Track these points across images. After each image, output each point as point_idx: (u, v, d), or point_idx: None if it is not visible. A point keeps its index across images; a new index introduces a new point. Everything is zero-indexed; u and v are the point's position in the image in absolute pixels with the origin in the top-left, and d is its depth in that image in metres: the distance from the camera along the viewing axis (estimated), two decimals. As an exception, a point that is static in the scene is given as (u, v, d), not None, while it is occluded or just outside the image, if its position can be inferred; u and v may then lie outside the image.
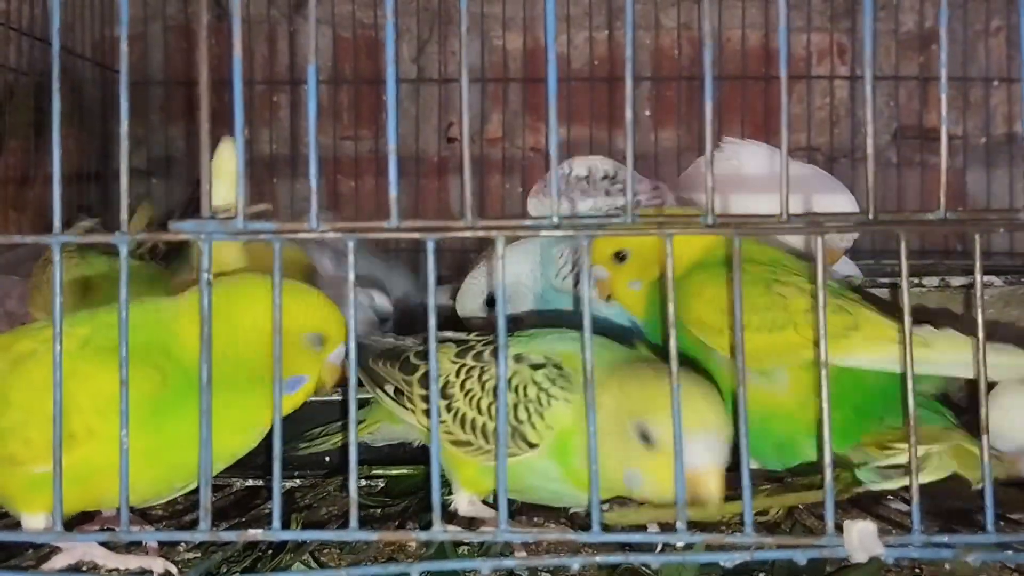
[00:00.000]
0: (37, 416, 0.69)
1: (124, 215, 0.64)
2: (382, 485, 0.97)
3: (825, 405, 0.64)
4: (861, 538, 0.61)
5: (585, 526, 0.82)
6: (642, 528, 0.76)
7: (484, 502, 0.84)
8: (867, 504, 0.89)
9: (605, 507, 0.81)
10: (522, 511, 0.88)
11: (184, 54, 1.87)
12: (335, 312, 0.78)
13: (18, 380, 0.73)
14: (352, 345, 0.67)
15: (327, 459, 0.98)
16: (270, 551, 0.78)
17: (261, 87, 1.87)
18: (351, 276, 0.63)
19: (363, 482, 0.96)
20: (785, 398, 0.84)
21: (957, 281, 1.07)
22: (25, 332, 0.78)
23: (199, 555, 0.79)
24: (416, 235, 0.63)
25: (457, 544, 0.77)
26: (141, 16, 1.85)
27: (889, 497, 0.90)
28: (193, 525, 0.76)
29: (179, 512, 0.92)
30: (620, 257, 0.92)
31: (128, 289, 0.64)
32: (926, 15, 1.88)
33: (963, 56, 1.85)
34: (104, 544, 0.75)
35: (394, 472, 0.97)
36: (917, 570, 0.75)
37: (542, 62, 2.22)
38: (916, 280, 1.07)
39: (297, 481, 0.98)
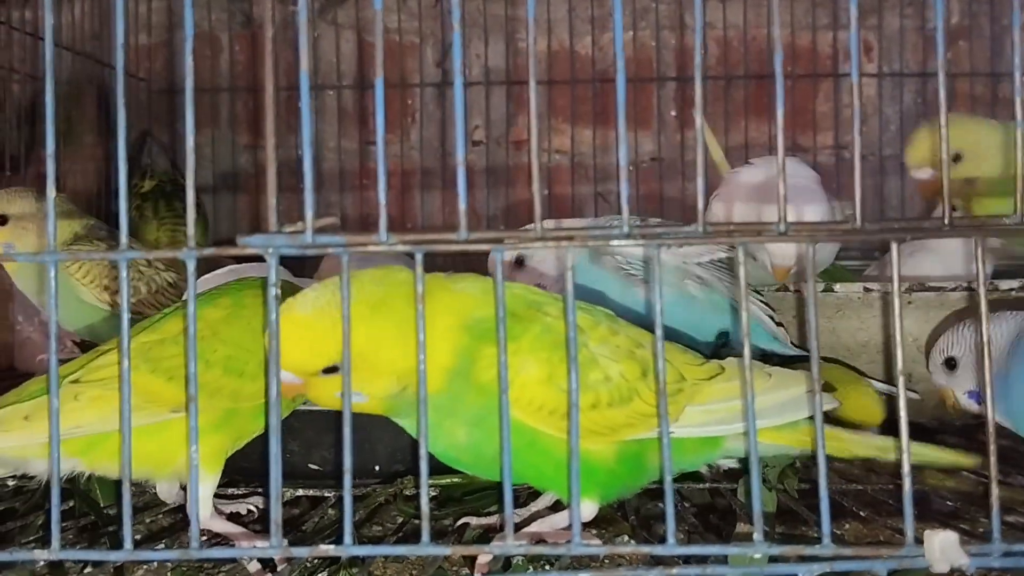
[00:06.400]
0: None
1: (191, 230, 0.63)
2: (434, 494, 0.96)
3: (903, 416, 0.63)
4: (943, 548, 0.60)
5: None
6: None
7: None
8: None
9: None
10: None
11: (209, 61, 1.86)
12: None
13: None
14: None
15: (376, 468, 0.98)
16: (321, 564, 0.78)
17: (285, 92, 1.86)
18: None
19: (413, 491, 0.95)
20: None
21: (1006, 284, 1.06)
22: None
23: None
24: (486, 246, 0.62)
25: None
26: (166, 24, 1.83)
27: (946, 499, 0.90)
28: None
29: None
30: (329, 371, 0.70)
31: (195, 304, 0.64)
32: (952, 11, 1.88)
33: (991, 51, 1.84)
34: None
35: (445, 481, 0.96)
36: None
37: (566, 64, 2.19)
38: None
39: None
